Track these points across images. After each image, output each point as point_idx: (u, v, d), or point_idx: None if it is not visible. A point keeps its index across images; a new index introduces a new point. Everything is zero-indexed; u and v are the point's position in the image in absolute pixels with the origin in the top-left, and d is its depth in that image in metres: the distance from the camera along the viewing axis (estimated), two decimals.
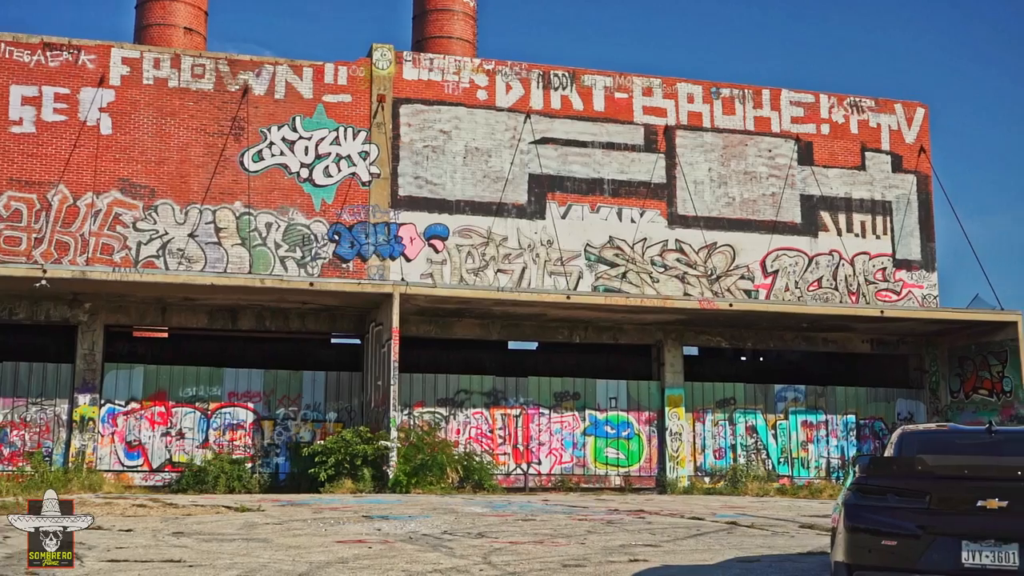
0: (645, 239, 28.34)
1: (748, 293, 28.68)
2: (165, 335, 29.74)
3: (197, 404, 24.72)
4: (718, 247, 28.75)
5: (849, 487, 8.23)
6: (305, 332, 26.49)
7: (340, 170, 26.77)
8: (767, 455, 27.72)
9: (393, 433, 22.82)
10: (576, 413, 26.80)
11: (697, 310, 25.59)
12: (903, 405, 28.42)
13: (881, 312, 26.54)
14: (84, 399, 23.65)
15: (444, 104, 27.68)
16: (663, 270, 28.35)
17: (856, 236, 29.84)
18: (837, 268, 29.58)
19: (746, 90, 29.72)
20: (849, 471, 8.92)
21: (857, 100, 30.46)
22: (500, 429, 26.19)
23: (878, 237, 30.03)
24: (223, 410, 24.90)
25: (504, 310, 25.44)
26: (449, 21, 39.94)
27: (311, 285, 23.46)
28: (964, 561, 7.42)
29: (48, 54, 25.81)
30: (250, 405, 25.05)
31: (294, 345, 30.09)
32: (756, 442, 27.76)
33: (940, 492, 7.69)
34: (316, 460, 22.71)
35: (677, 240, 28.55)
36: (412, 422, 25.23)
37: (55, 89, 25.77)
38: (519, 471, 25.99)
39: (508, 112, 28.02)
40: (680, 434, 27.05)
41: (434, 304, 24.76)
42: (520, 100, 28.12)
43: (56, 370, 24.10)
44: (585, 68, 28.79)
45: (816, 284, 29.36)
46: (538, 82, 28.30)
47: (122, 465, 23.95)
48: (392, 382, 23.04)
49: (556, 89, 28.36)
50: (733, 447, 27.60)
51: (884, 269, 29.96)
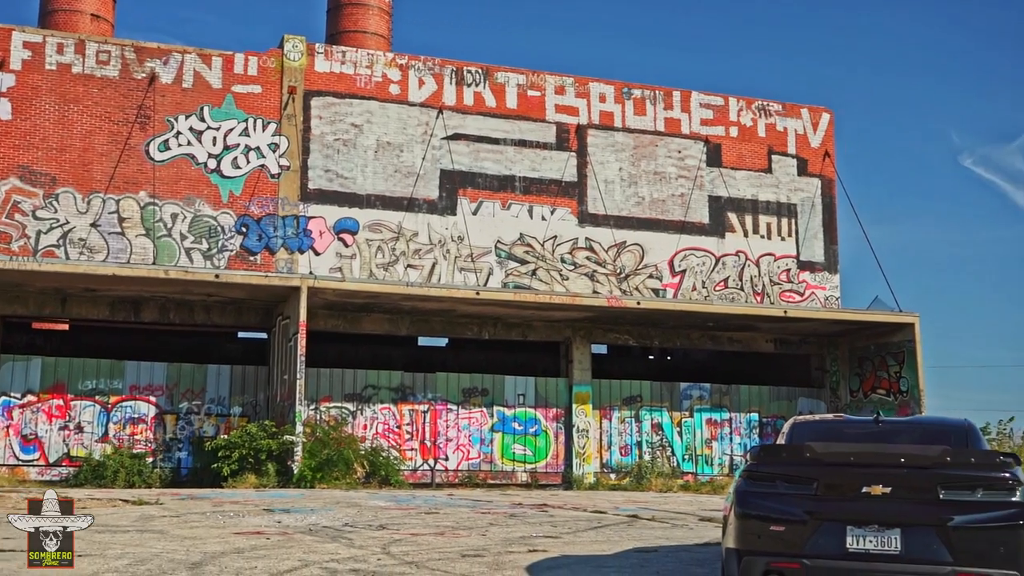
0: (556, 237, 28.48)
1: (656, 292, 29.00)
2: (65, 327, 29.06)
3: (97, 397, 24.17)
4: (627, 246, 29.02)
5: (740, 474, 8.38)
6: (210, 325, 26.07)
7: (249, 162, 26.41)
8: (672, 452, 28.06)
9: (298, 428, 22.58)
10: (484, 409, 26.82)
11: (605, 308, 25.80)
12: (804, 404, 28.99)
13: (784, 312, 27.06)
14: None
15: (356, 98, 27.49)
16: (573, 268, 28.52)
17: (762, 237, 30.37)
18: (743, 269, 30.07)
19: (657, 91, 30.06)
20: (744, 463, 9.08)
21: (765, 104, 31.00)
22: (408, 425, 26.09)
23: (783, 239, 30.59)
24: (124, 404, 24.39)
25: (413, 305, 25.36)
26: (364, 16, 39.67)
27: (217, 277, 23.09)
28: (848, 546, 7.59)
29: None
30: (152, 399, 24.58)
31: (199, 339, 29.61)
32: (661, 439, 28.09)
33: (827, 479, 7.86)
34: (219, 455, 22.37)
35: (587, 238, 28.75)
36: (319, 417, 25.00)
37: None
38: (426, 467, 25.92)
39: (420, 107, 27.93)
40: (587, 431, 27.24)
41: (342, 298, 24.57)
42: (433, 96, 28.06)
43: None
44: (498, 65, 28.84)
45: (722, 284, 29.80)
46: (451, 78, 28.26)
47: (17, 459, 23.31)
48: (298, 376, 22.80)
49: (469, 85, 28.35)
50: (639, 444, 27.89)
51: (788, 270, 30.54)
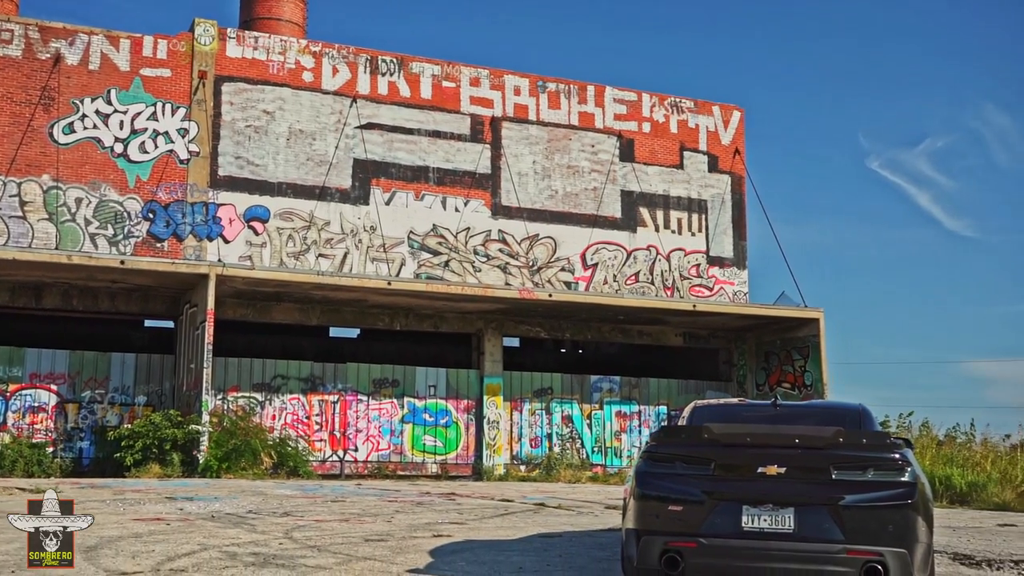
0: (469, 228, 28.45)
1: (568, 285, 29.15)
2: None
3: None
4: (540, 239, 29.13)
5: (641, 456, 8.47)
6: (115, 313, 25.53)
7: (157, 147, 25.91)
8: (582, 444, 28.27)
9: (205, 417, 22.24)
10: (395, 400, 26.73)
11: (517, 300, 25.88)
12: (712, 397, 29.41)
13: (694, 306, 27.42)
14: None
15: (268, 84, 27.13)
16: (486, 260, 28.53)
17: (673, 232, 30.70)
18: (654, 263, 30.38)
19: (572, 85, 30.21)
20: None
21: (677, 101, 31.36)
22: (317, 415, 25.88)
23: (693, 234, 30.98)
24: (24, 392, 23.78)
25: (324, 295, 25.15)
26: (278, 3, 39.13)
27: (122, 263, 22.62)
28: (744, 525, 7.71)
29: None
30: (53, 387, 24.01)
31: (104, 326, 28.95)
32: (572, 431, 28.28)
33: (723, 459, 7.98)
34: (122, 444, 21.92)
35: (500, 230, 28.78)
36: (226, 407, 24.66)
37: None
38: (335, 458, 25.74)
39: (334, 95, 27.68)
40: (498, 423, 27.30)
41: (252, 287, 24.26)
42: (347, 84, 27.82)
43: None
44: (414, 55, 28.72)
45: (634, 278, 30.07)
46: (365, 67, 28.06)
47: None
48: (205, 365, 22.45)
49: (384, 75, 28.18)
50: (549, 436, 28.04)
51: (698, 265, 30.94)
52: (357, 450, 26.06)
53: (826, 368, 27.63)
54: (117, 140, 25.57)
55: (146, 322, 29.75)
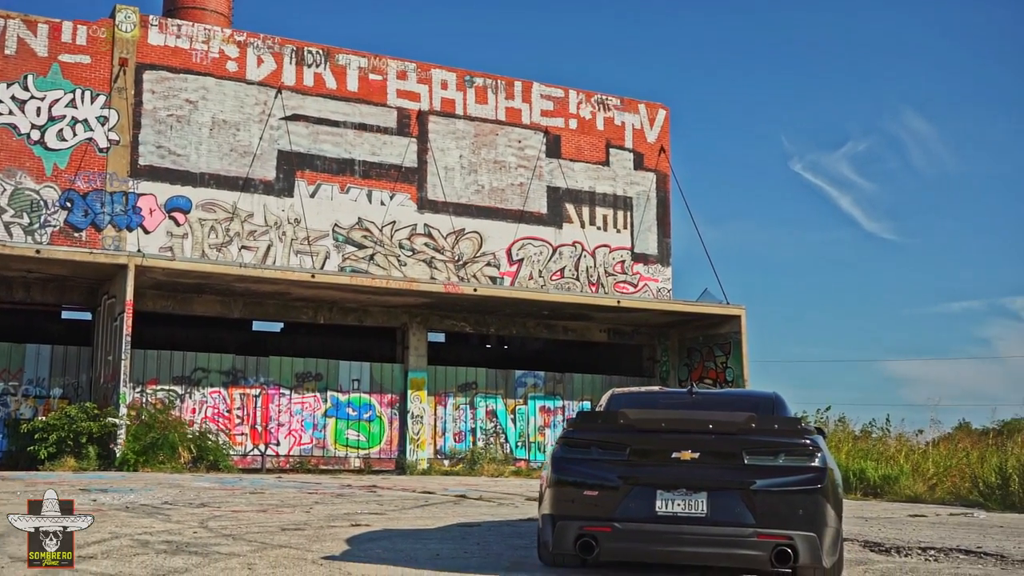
0: (394, 222, 28.33)
1: (494, 280, 29.18)
2: None
3: None
4: (466, 233, 29.11)
5: (557, 441, 8.51)
6: (31, 303, 24.98)
7: (75, 134, 25.39)
8: (506, 439, 28.32)
9: (122, 410, 21.86)
10: (318, 394, 26.52)
11: (442, 294, 25.83)
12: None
13: (618, 302, 27.60)
14: None
15: (191, 73, 26.74)
16: (411, 254, 28.44)
17: (598, 229, 30.89)
18: (579, 259, 30.53)
19: (499, 80, 30.23)
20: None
21: (604, 98, 31.55)
22: (238, 409, 25.58)
23: (619, 231, 31.19)
24: None
25: (247, 287, 24.85)
26: None
27: (37, 252, 22.14)
28: (658, 509, 7.79)
29: None
30: None
31: (19, 317, 28.27)
32: (495, 426, 28.31)
33: (638, 444, 8.06)
34: (36, 437, 21.47)
35: (426, 225, 28.70)
36: (145, 400, 24.27)
37: None
38: (256, 452, 25.46)
39: (259, 86, 27.36)
40: (422, 417, 27.24)
41: (172, 278, 23.89)
42: (272, 75, 27.53)
43: None
44: (340, 47, 28.51)
45: (559, 274, 30.20)
46: (291, 58, 27.79)
47: None
48: (123, 357, 22.06)
49: (309, 66, 27.94)
50: (473, 431, 28.05)
51: (623, 262, 31.16)
52: (279, 444, 25.81)
53: (747, 365, 28.02)
54: (34, 127, 25.01)
55: (63, 313, 29.17)
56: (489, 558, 9.05)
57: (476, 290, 26.07)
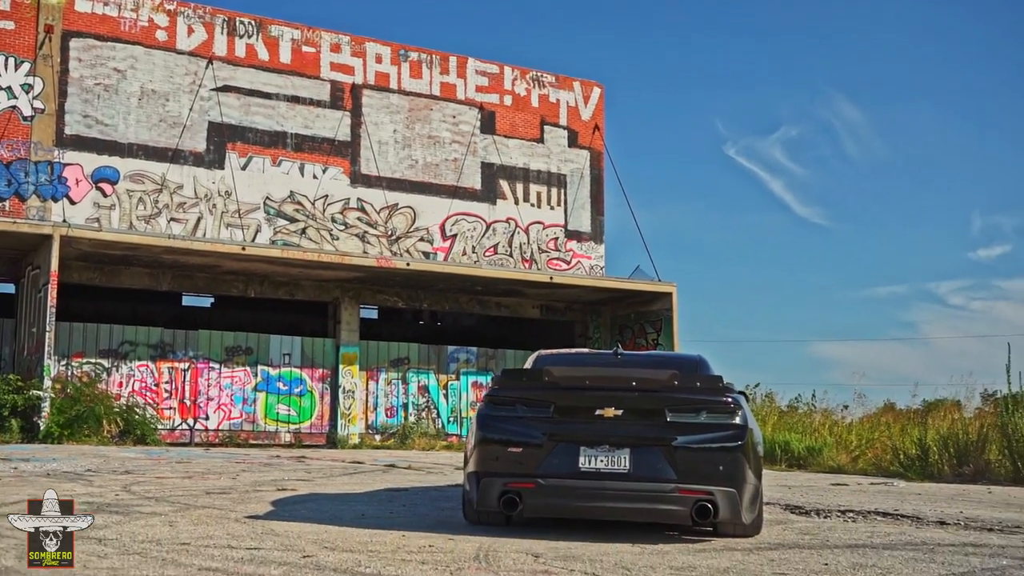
0: (327, 196, 28.12)
1: (427, 255, 29.10)
2: None
3: None
4: (399, 208, 28.98)
5: (482, 399, 8.54)
6: None
7: None
8: (438, 414, 28.33)
9: (47, 383, 21.50)
10: (248, 368, 26.30)
11: (375, 268, 25.72)
12: None
13: (551, 279, 27.71)
14: None
15: (120, 42, 26.23)
16: (344, 228, 28.25)
17: (532, 206, 30.94)
18: (513, 235, 30.57)
19: (434, 55, 30.09)
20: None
21: (539, 75, 31.55)
22: (167, 383, 25.28)
23: (552, 208, 31.28)
24: None
25: (175, 259, 24.53)
26: None
27: None
28: (581, 465, 7.86)
29: None
30: None
31: None
32: (428, 401, 28.31)
33: (563, 401, 8.11)
34: None
35: (359, 199, 28.53)
36: (70, 373, 23.89)
37: None
38: (185, 426, 25.20)
39: (189, 56, 26.94)
40: (353, 392, 27.14)
41: (99, 249, 23.50)
42: (202, 45, 27.11)
43: None
44: (273, 18, 28.15)
45: (492, 250, 30.21)
46: (223, 28, 27.39)
47: None
48: (48, 329, 21.67)
49: (241, 37, 27.56)
50: (405, 406, 28.01)
51: (556, 239, 31.26)
52: (208, 419, 25.56)
53: (678, 341, 28.29)
54: None
55: None
56: (415, 517, 9.07)
57: (409, 265, 26.01)
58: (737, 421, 8.03)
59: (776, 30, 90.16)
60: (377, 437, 27.14)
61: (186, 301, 31.82)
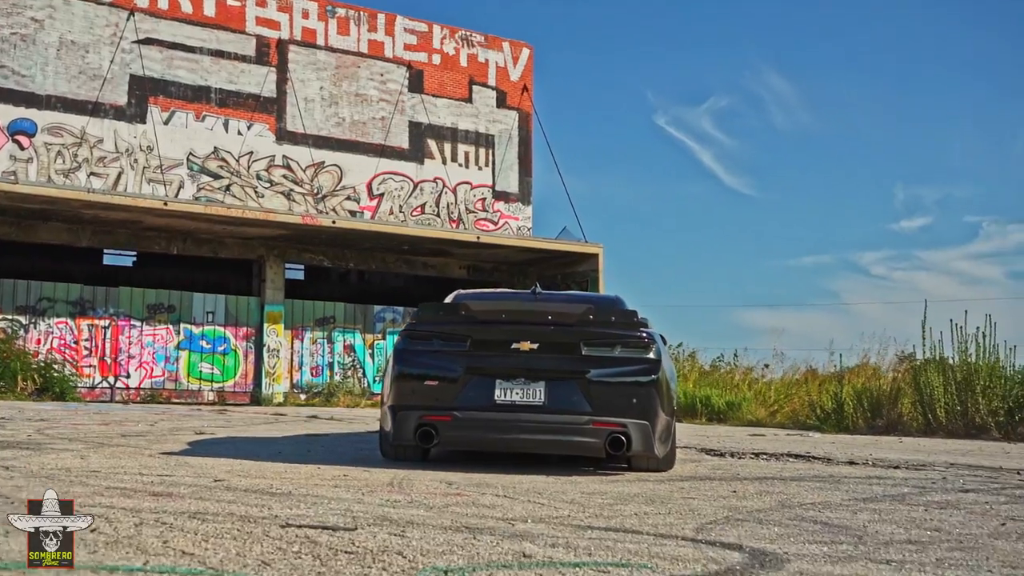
0: (252, 153, 27.75)
1: (353, 214, 28.89)
2: None
3: None
4: (326, 166, 28.72)
5: (400, 334, 8.55)
6: None
7: None
8: (363, 373, 28.24)
9: None
10: (170, 327, 25.96)
11: (300, 226, 25.47)
12: None
13: (477, 238, 27.70)
14: None
15: None
16: (269, 186, 27.92)
17: (460, 166, 30.85)
18: (440, 195, 30.47)
19: (362, 12, 29.76)
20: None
21: (468, 34, 31.38)
22: (86, 340, 24.85)
23: (480, 169, 31.22)
24: None
25: (96, 214, 24.07)
26: None
27: None
28: (497, 398, 7.92)
29: None
30: None
31: None
32: (353, 360, 28.21)
33: (479, 335, 8.15)
34: None
35: (285, 156, 28.20)
36: None
37: None
38: (105, 384, 24.82)
39: (110, 7, 26.32)
40: (278, 351, 26.95)
41: (15, 203, 22.95)
42: None
43: None
44: None
45: (420, 210, 30.09)
46: None
47: None
48: None
49: None
50: (331, 365, 27.89)
51: (484, 199, 31.24)
52: (129, 376, 25.21)
53: None
54: None
55: None
56: (332, 455, 9.08)
57: (335, 223, 25.80)
58: (651, 356, 8.13)
59: (707, 1, 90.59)
60: (302, 396, 27.00)
61: (108, 259, 31.24)
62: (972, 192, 72.29)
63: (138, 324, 25.50)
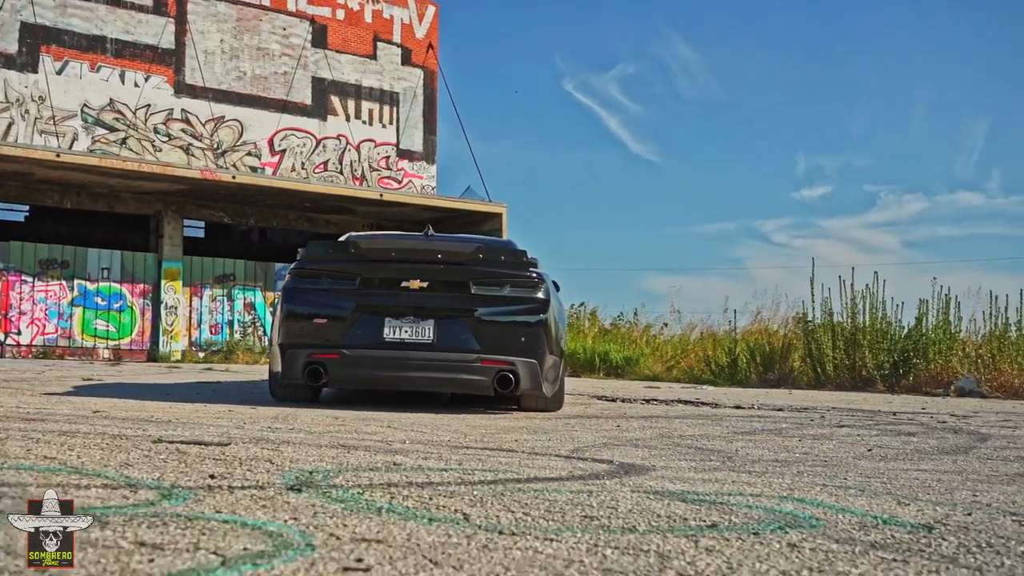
0: (149, 106, 27.12)
1: (254, 170, 28.46)
2: None
3: None
4: (226, 121, 28.21)
5: (288, 272, 8.49)
6: None
7: None
8: (264, 331, 27.96)
9: None
10: (64, 282, 25.35)
11: (199, 180, 25.03)
12: None
13: (380, 196, 27.52)
14: None
15: None
16: (167, 139, 27.34)
17: (364, 123, 30.58)
18: (343, 153, 30.18)
19: None
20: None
21: None
22: None
23: (384, 126, 30.98)
24: None
25: None
26: None
27: None
28: (386, 336, 7.94)
29: None
30: None
31: None
32: (254, 318, 27.89)
33: (369, 273, 8.15)
34: None
35: (183, 110, 27.62)
36: None
37: None
38: None
39: None
40: (176, 308, 26.52)
41: None
42: None
43: None
44: None
45: (322, 167, 29.78)
46: None
47: None
48: None
49: None
50: (230, 323, 27.54)
51: (388, 158, 31.03)
52: (20, 333, 24.59)
53: None
54: None
55: None
56: (222, 397, 9.01)
57: (235, 178, 25.40)
58: (540, 295, 8.22)
59: None
60: (201, 354, 26.63)
61: (1, 215, 30.35)
62: (871, 162, 74.01)
63: (30, 279, 24.86)
